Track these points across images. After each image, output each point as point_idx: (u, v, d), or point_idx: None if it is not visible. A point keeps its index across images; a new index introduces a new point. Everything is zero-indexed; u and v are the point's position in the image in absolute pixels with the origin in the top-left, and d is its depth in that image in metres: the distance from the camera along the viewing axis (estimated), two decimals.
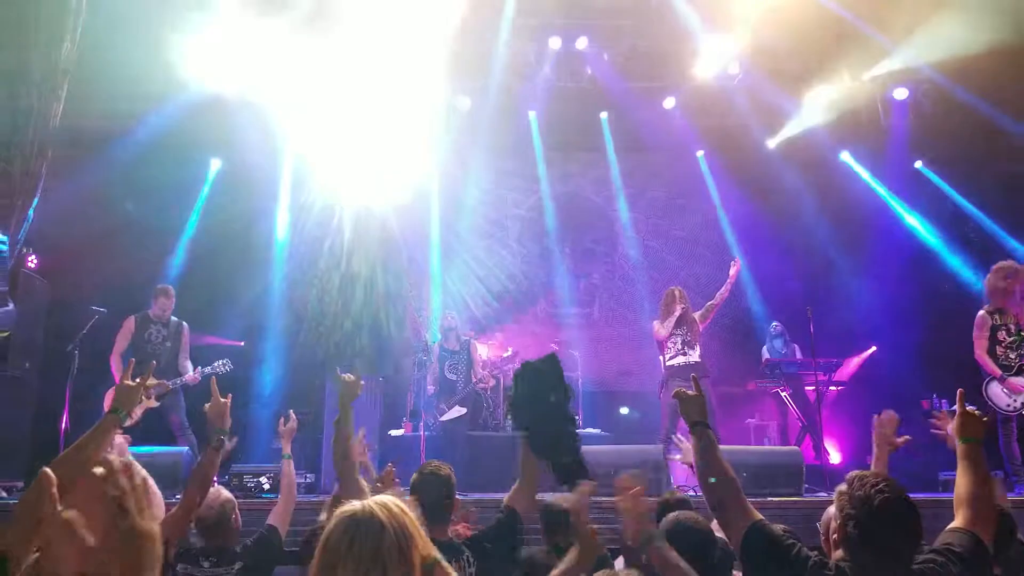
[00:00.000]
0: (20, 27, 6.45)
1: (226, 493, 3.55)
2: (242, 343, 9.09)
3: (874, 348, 9.56)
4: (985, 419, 2.59)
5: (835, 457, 8.81)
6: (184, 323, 7.26)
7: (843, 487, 2.23)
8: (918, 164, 9.87)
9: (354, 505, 1.64)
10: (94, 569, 1.10)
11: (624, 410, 9.29)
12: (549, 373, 2.68)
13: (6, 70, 6.43)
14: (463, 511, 3.48)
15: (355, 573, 1.54)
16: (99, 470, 1.13)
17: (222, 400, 3.15)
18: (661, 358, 7.36)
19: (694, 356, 7.17)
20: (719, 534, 2.71)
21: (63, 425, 6.55)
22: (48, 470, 1.21)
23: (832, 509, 2.36)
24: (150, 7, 7.55)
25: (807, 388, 8.40)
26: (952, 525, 2.34)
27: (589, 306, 9.92)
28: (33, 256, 7.71)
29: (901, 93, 9.31)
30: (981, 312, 6.45)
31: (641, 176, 10.07)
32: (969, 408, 2.57)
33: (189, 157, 9.04)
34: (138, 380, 2.53)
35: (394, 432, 8.17)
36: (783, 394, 8.45)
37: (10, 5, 6.41)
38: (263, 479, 6.12)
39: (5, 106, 6.47)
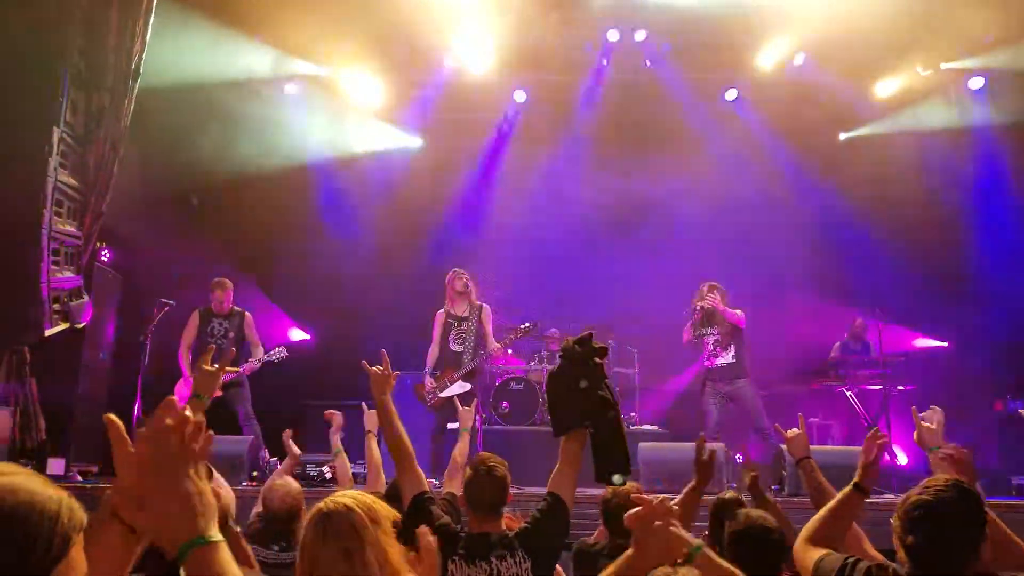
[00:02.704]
0: (94, 31, 6.70)
1: (296, 486, 3.66)
2: (309, 336, 9.32)
3: (945, 344, 9.25)
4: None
5: (902, 458, 8.54)
6: (247, 312, 7.43)
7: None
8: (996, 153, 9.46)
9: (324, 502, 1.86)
10: (152, 524, 1.17)
11: None
12: (582, 356, 2.59)
13: (81, 73, 6.68)
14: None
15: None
16: (153, 423, 1.19)
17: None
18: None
19: (727, 358, 7.07)
20: None
21: (135, 413, 6.79)
22: (112, 415, 1.27)
23: None
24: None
25: (872, 388, 8.15)
26: None
27: (646, 302, 9.78)
28: (106, 250, 8.02)
29: (977, 82, 8.96)
30: None
31: (701, 169, 9.89)
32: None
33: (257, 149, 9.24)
34: (216, 366, 2.60)
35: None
36: (848, 393, 8.22)
37: (85, 10, 6.65)
38: (325, 468, 6.24)
39: (80, 107, 6.73)
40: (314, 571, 1.76)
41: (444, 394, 6.96)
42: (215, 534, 1.17)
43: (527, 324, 7.52)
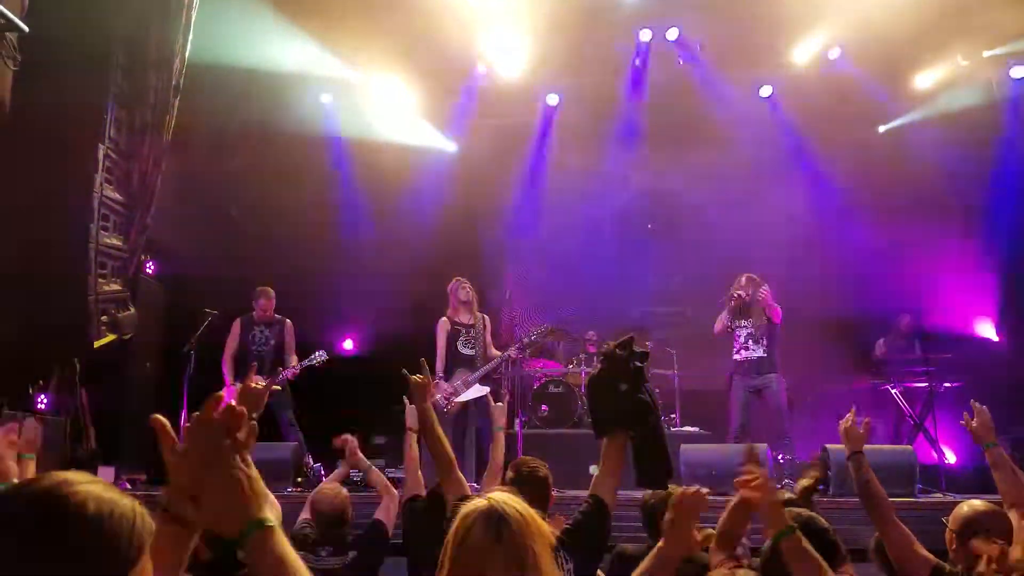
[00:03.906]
0: (135, 50, 6.88)
1: (344, 492, 3.73)
2: (352, 344, 9.45)
3: (997, 339, 9.04)
4: None
5: (950, 457, 8.34)
6: (287, 320, 7.54)
7: None
8: None
9: (480, 502, 1.66)
10: (208, 515, 1.20)
11: None
12: (622, 360, 2.58)
13: (124, 91, 6.87)
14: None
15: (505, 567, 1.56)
16: (199, 415, 1.23)
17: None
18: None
19: (758, 351, 7.00)
20: None
21: (182, 422, 6.92)
22: (158, 416, 1.32)
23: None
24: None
25: (917, 385, 7.98)
26: None
27: (683, 304, 9.71)
28: (151, 262, 8.21)
29: (1019, 71, 8.75)
30: None
31: (736, 168, 9.79)
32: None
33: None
34: (264, 384, 2.62)
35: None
36: (893, 391, 8.07)
37: (126, 29, 6.83)
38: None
39: (123, 124, 6.92)
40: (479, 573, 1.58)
41: (461, 398, 6.90)
42: (269, 518, 1.20)
43: (544, 326, 7.53)
